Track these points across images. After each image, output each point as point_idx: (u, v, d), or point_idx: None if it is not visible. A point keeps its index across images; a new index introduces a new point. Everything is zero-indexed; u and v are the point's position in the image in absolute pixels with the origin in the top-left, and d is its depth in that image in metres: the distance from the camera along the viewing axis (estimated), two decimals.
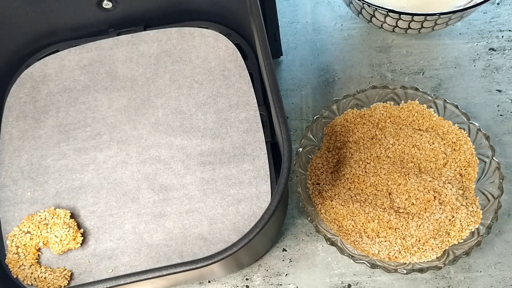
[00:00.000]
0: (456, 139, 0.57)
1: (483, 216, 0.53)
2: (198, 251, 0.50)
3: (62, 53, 0.61)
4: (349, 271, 0.54)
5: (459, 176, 0.55)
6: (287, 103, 0.64)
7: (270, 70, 0.46)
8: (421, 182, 0.54)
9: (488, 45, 0.66)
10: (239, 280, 0.55)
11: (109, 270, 0.51)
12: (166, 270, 0.42)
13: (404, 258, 0.51)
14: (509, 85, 0.63)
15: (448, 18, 0.57)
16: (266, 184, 0.52)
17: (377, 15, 0.59)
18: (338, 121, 0.59)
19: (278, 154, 0.53)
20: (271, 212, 0.42)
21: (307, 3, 0.71)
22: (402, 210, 0.54)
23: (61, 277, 0.50)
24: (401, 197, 0.54)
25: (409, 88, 0.58)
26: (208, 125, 0.55)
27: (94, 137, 0.56)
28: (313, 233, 0.56)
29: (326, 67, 0.66)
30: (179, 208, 0.52)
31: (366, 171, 0.56)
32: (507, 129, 0.60)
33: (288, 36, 0.68)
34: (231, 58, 0.58)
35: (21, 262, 0.51)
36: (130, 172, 0.54)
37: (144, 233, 0.51)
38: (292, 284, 0.54)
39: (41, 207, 0.53)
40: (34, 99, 0.59)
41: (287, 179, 0.42)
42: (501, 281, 0.53)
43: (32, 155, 0.56)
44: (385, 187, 0.55)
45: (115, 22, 0.61)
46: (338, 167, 0.57)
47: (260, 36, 0.48)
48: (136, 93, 0.58)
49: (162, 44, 0.60)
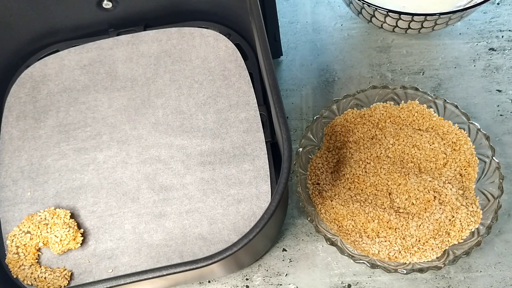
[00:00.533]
0: (456, 139, 0.57)
1: (483, 216, 0.53)
2: (198, 251, 0.50)
3: (62, 53, 0.61)
4: (349, 271, 0.54)
5: (459, 176, 0.55)
6: (287, 103, 0.64)
7: (270, 70, 0.46)
8: (421, 182, 0.54)
9: (488, 45, 0.66)
10: (239, 280, 0.55)
11: (109, 270, 0.51)
12: (166, 270, 0.42)
13: (404, 258, 0.51)
14: (509, 85, 0.63)
15: (448, 18, 0.57)
16: (266, 184, 0.52)
17: (377, 15, 0.59)
18: (338, 121, 0.59)
19: (278, 154, 0.53)
20: (271, 212, 0.42)
21: (307, 3, 0.71)
22: (402, 210, 0.54)
23: (61, 277, 0.50)
24: (401, 197, 0.54)
25: (409, 88, 0.58)
26: (208, 125, 0.55)
27: (94, 137, 0.56)
28: (313, 233, 0.56)
29: (326, 67, 0.66)
30: (179, 208, 0.52)
31: (366, 171, 0.56)
32: (507, 129, 0.60)
33: (288, 36, 0.68)
34: (231, 58, 0.58)
35: (21, 262, 0.51)
36: (130, 172, 0.54)
37: (144, 233, 0.51)
38: (292, 284, 0.54)
39: (41, 207, 0.53)
40: (34, 99, 0.59)
41: (287, 179, 0.42)
42: (501, 281, 0.53)
43: (32, 155, 0.56)
44: (385, 187, 0.55)
45: (115, 22, 0.61)
46: (338, 167, 0.57)
47: (260, 36, 0.48)
48: (136, 93, 0.58)
49: (162, 44, 0.60)
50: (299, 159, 0.55)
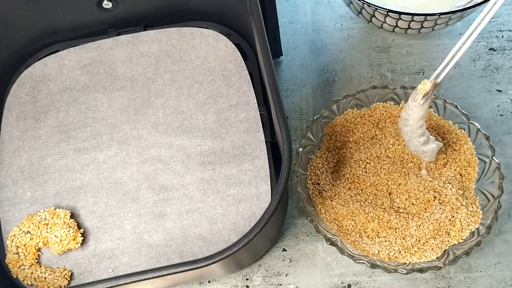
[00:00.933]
0: (456, 139, 0.56)
1: (483, 216, 0.53)
2: (198, 251, 0.50)
3: (62, 53, 0.61)
4: (349, 271, 0.54)
5: (459, 176, 0.55)
6: (287, 103, 0.64)
7: (270, 70, 0.46)
8: (421, 182, 0.54)
9: (488, 45, 0.66)
10: (239, 280, 0.55)
11: (109, 270, 0.51)
12: (166, 270, 0.42)
13: (404, 258, 0.51)
14: (509, 85, 0.63)
15: (448, 18, 0.57)
16: (266, 184, 0.52)
17: (377, 15, 0.59)
18: (338, 121, 0.59)
19: (278, 154, 0.53)
20: (271, 212, 0.42)
21: (307, 3, 0.71)
22: (402, 210, 0.54)
23: (61, 277, 0.50)
24: (401, 197, 0.54)
25: (409, 88, 0.58)
26: (208, 125, 0.55)
27: (94, 137, 0.56)
28: (313, 233, 0.56)
29: (326, 67, 0.66)
30: (179, 208, 0.52)
31: (366, 171, 0.56)
32: (507, 129, 0.60)
33: (288, 36, 0.68)
34: (231, 58, 0.58)
35: (21, 262, 0.51)
36: (130, 172, 0.54)
37: (144, 233, 0.51)
38: (292, 284, 0.54)
39: (41, 207, 0.53)
40: (34, 99, 0.59)
41: (287, 179, 0.42)
42: (501, 281, 0.53)
43: (32, 155, 0.56)
44: (385, 187, 0.55)
45: (115, 22, 0.61)
46: (338, 167, 0.57)
47: (260, 36, 0.48)
48: (136, 93, 0.58)
49: (162, 44, 0.60)
50: (299, 159, 0.55)
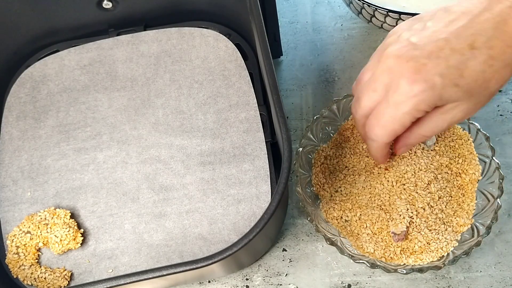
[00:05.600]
0: (456, 139, 0.56)
1: (483, 216, 0.53)
2: (198, 251, 0.50)
3: (62, 53, 0.61)
4: (349, 271, 0.54)
5: (459, 177, 0.55)
6: (287, 103, 0.64)
7: (270, 70, 0.46)
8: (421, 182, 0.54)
9: None
10: (239, 280, 0.55)
11: (109, 270, 0.51)
12: (166, 270, 0.42)
13: (399, 260, 0.51)
14: (509, 85, 0.63)
15: None
16: (266, 184, 0.52)
17: (377, 15, 0.59)
18: (347, 126, 0.58)
19: (278, 154, 0.53)
20: (271, 212, 0.42)
21: (307, 3, 0.71)
22: (402, 210, 0.54)
23: (61, 277, 0.50)
24: (401, 197, 0.54)
25: None
26: (208, 125, 0.55)
27: (94, 137, 0.56)
28: (313, 233, 0.56)
29: (326, 67, 0.66)
30: (179, 208, 0.52)
31: (366, 171, 0.56)
32: (507, 129, 0.60)
33: (288, 36, 0.68)
34: (231, 58, 0.58)
35: (21, 262, 0.51)
36: (130, 172, 0.54)
37: (144, 233, 0.51)
38: (292, 284, 0.54)
39: (41, 207, 0.53)
40: (34, 99, 0.59)
41: (287, 179, 0.42)
42: (501, 281, 0.53)
43: (32, 155, 0.56)
44: (385, 187, 0.55)
45: (115, 22, 0.61)
46: (339, 167, 0.57)
47: (260, 36, 0.48)
48: (136, 93, 0.58)
49: (162, 44, 0.60)
50: (299, 159, 0.55)
